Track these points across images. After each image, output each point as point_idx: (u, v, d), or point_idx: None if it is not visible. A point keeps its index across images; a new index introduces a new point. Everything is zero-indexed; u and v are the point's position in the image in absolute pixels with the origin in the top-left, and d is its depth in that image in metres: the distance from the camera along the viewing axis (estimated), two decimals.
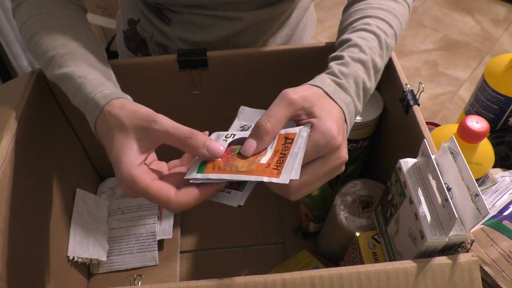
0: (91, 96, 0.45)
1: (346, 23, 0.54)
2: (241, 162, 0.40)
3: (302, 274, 0.38)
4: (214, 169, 0.40)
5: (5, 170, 0.47)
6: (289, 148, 0.40)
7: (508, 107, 0.71)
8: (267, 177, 0.38)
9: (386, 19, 0.51)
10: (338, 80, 0.45)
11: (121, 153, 0.40)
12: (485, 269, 0.51)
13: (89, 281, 0.67)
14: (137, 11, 0.72)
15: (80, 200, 0.67)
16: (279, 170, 0.38)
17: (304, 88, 0.43)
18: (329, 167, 0.40)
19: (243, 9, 0.65)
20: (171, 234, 0.69)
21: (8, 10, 1.45)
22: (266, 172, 0.38)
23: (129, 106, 0.42)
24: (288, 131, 0.41)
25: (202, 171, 0.40)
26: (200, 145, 0.40)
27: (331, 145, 0.39)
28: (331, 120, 0.40)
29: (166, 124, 0.40)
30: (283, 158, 0.39)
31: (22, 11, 0.53)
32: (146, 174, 0.40)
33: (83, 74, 0.47)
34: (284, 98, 0.41)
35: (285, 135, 0.41)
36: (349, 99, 0.44)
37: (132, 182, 0.39)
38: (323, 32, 2.08)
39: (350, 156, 0.62)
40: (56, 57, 0.49)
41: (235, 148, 0.41)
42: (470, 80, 1.85)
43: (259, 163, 0.39)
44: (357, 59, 0.47)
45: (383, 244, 0.50)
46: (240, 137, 0.43)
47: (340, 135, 0.40)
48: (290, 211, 0.73)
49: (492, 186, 0.63)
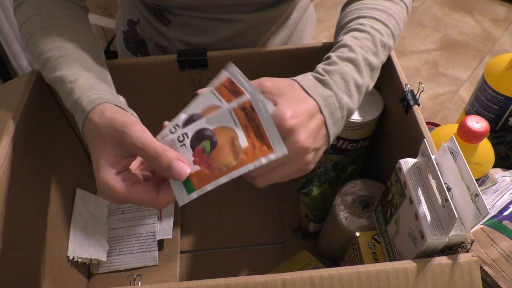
0: (79, 102, 0.44)
1: (342, 23, 0.55)
2: (225, 159, 0.38)
3: (302, 274, 0.38)
4: (203, 180, 0.38)
5: (5, 170, 0.47)
6: (256, 117, 0.38)
7: (508, 107, 0.71)
8: (264, 157, 0.37)
9: (381, 19, 0.52)
10: (320, 76, 0.46)
11: (99, 163, 0.40)
12: (485, 269, 0.51)
13: (89, 281, 0.67)
14: (136, 12, 0.71)
15: (80, 200, 0.67)
16: (267, 143, 0.37)
17: (281, 79, 0.44)
18: (289, 154, 0.40)
19: (242, 12, 0.65)
20: (171, 234, 0.69)
21: (8, 10, 1.46)
22: (258, 154, 0.37)
23: (108, 113, 0.41)
24: (240, 101, 0.39)
25: (192, 189, 0.39)
26: (164, 167, 0.38)
27: (281, 127, 0.40)
28: (289, 106, 0.41)
29: (136, 138, 0.39)
30: (260, 130, 0.38)
31: (22, 11, 0.53)
32: (126, 181, 0.40)
33: (75, 78, 0.47)
34: (257, 80, 0.42)
35: (240, 106, 0.39)
36: (329, 93, 0.45)
37: (110, 191, 0.39)
38: (323, 32, 2.08)
39: (350, 156, 0.62)
40: (51, 60, 0.49)
41: (203, 146, 0.39)
42: (470, 80, 1.85)
43: (244, 149, 0.38)
44: (345, 58, 0.48)
45: (383, 244, 0.50)
46: (195, 132, 0.40)
47: (293, 118, 0.40)
48: (290, 211, 0.73)
49: (492, 186, 0.63)
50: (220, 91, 0.41)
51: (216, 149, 0.39)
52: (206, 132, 0.39)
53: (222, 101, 0.40)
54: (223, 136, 0.39)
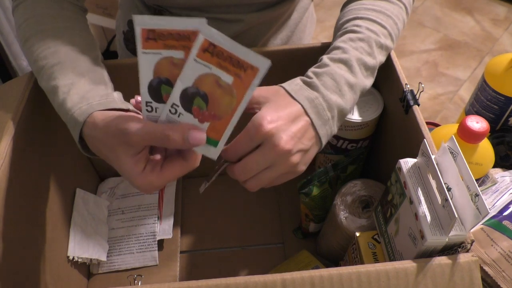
0: (70, 114, 0.45)
1: (340, 23, 0.55)
2: (224, 101, 0.38)
3: (302, 274, 0.38)
4: (219, 130, 0.39)
5: (5, 170, 0.47)
6: (221, 49, 0.37)
7: (508, 107, 0.71)
8: (255, 78, 0.36)
9: (378, 20, 0.52)
10: (307, 79, 0.47)
11: (125, 170, 0.41)
12: (485, 269, 0.51)
13: (89, 281, 0.67)
14: (137, 12, 0.71)
15: (80, 200, 0.67)
16: (249, 65, 0.36)
17: (266, 87, 0.45)
18: (268, 156, 0.41)
19: (243, 12, 0.65)
20: (171, 234, 0.69)
21: (8, 10, 1.45)
22: (248, 79, 0.37)
23: (100, 124, 0.42)
24: (197, 45, 0.38)
25: (215, 142, 0.40)
26: (180, 142, 0.39)
27: (259, 133, 0.40)
28: (268, 112, 0.42)
29: (139, 132, 0.39)
30: (234, 59, 0.37)
31: (19, 13, 0.53)
32: (155, 169, 0.42)
33: (68, 89, 0.47)
34: None
35: (201, 49, 0.38)
36: (316, 95, 0.45)
37: (151, 186, 0.41)
38: (323, 32, 2.08)
39: (350, 156, 0.62)
40: (46, 68, 0.49)
41: (197, 105, 0.39)
42: (470, 80, 1.85)
43: (233, 83, 0.37)
44: (337, 59, 0.48)
45: (383, 244, 0.50)
46: (180, 97, 0.39)
47: (271, 123, 0.41)
48: (290, 211, 0.73)
49: (492, 186, 0.63)
50: (169, 46, 0.40)
51: (210, 99, 0.39)
52: (189, 90, 0.39)
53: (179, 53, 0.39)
54: (206, 84, 0.38)
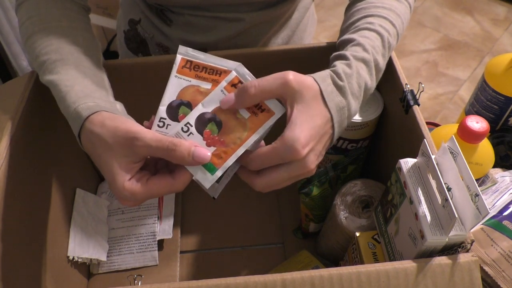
0: (75, 107, 0.44)
1: (349, 22, 0.53)
2: (236, 132, 0.40)
3: (302, 274, 0.38)
4: (222, 157, 0.40)
5: (5, 170, 0.47)
6: None
7: (508, 107, 0.71)
8: (269, 120, 0.40)
9: (390, 18, 0.51)
10: (339, 82, 0.44)
11: (113, 173, 0.40)
12: (485, 269, 0.51)
13: (89, 281, 0.67)
14: (138, 11, 0.71)
15: (80, 200, 0.67)
16: (266, 108, 0.40)
17: (306, 80, 0.43)
18: (294, 174, 0.42)
19: (244, 11, 0.65)
20: (171, 234, 0.69)
21: (8, 10, 1.45)
22: (262, 119, 0.40)
23: (109, 122, 0.42)
24: (229, 79, 0.42)
25: (214, 169, 0.40)
26: (185, 155, 0.39)
27: (294, 158, 0.40)
28: (303, 129, 0.40)
29: (148, 139, 0.39)
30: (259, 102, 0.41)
31: (23, 11, 0.53)
32: (141, 180, 0.41)
33: (71, 84, 0.46)
34: (283, 77, 0.41)
35: (230, 84, 0.42)
36: (344, 103, 0.44)
37: (131, 196, 0.40)
38: (324, 32, 2.08)
39: (350, 156, 0.62)
40: (48, 63, 0.49)
41: (210, 129, 0.41)
42: (470, 80, 1.85)
43: (249, 118, 0.40)
44: (360, 58, 0.47)
45: (383, 244, 0.50)
46: (196, 119, 0.41)
47: (305, 148, 0.40)
48: (290, 211, 0.73)
49: (492, 186, 0.63)
50: (200, 77, 0.43)
51: (223, 127, 0.41)
52: (207, 115, 0.41)
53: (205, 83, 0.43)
54: (224, 113, 0.41)
